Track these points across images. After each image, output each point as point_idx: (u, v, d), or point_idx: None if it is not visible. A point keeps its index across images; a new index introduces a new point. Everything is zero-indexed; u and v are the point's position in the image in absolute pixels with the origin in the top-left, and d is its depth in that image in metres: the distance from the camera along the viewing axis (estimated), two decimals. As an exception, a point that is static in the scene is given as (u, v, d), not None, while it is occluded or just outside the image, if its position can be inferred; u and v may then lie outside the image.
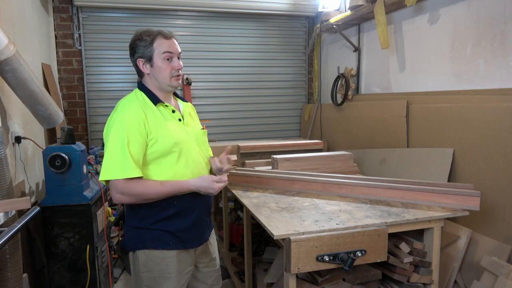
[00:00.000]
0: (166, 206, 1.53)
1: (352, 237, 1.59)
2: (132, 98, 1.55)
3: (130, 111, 1.47)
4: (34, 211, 1.83)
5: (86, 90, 3.97)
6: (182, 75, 1.61)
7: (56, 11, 3.78)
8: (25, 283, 2.07)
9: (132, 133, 1.43)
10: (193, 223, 1.60)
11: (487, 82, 2.39)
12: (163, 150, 1.49)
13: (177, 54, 1.57)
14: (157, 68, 1.54)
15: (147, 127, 1.47)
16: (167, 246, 1.54)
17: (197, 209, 1.60)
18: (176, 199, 1.52)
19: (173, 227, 1.54)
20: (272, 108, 4.65)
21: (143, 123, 1.46)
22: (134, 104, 1.51)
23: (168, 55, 1.53)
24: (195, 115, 1.80)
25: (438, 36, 2.77)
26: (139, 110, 1.48)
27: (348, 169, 2.69)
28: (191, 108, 1.77)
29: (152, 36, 1.52)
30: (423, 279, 1.84)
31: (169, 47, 1.53)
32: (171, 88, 1.59)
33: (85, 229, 2.23)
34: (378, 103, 3.30)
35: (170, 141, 1.49)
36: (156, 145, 1.48)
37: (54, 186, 2.17)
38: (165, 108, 1.57)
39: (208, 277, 1.78)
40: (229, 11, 4.19)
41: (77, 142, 2.30)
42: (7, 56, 1.91)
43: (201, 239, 1.66)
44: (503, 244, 2.13)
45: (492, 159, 2.24)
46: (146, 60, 1.54)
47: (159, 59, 1.53)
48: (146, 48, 1.52)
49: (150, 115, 1.50)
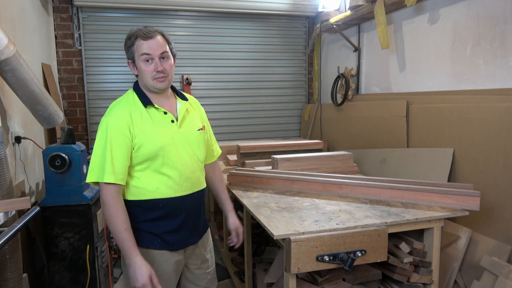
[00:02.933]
0: (152, 207, 1.53)
1: (352, 237, 1.59)
2: (123, 101, 1.54)
3: (117, 115, 1.47)
4: (34, 211, 1.83)
5: (86, 90, 3.97)
6: (167, 75, 1.51)
7: (56, 11, 3.78)
8: (25, 283, 2.07)
9: (115, 138, 1.44)
10: (179, 226, 1.58)
11: (487, 82, 2.39)
12: (148, 154, 1.48)
13: (158, 55, 1.47)
14: (139, 70, 1.50)
15: (132, 131, 1.46)
16: (152, 246, 1.54)
17: (184, 213, 1.58)
18: (161, 202, 1.52)
19: (157, 229, 1.54)
20: (272, 108, 4.65)
21: (127, 127, 1.45)
22: (123, 107, 1.50)
23: (146, 57, 1.46)
24: (196, 111, 1.71)
25: (438, 36, 2.77)
26: (125, 114, 1.47)
27: (348, 169, 2.69)
28: (190, 105, 1.68)
29: (133, 38, 1.48)
30: (423, 279, 1.84)
31: (147, 48, 1.45)
32: (157, 90, 1.52)
33: (85, 229, 2.23)
34: (378, 103, 3.30)
35: (156, 145, 1.48)
36: (142, 149, 1.47)
37: (54, 186, 2.17)
38: (156, 110, 1.53)
39: (200, 279, 1.74)
40: (229, 11, 4.19)
41: (77, 142, 2.30)
42: (7, 56, 1.91)
43: (186, 242, 1.63)
44: (503, 244, 2.13)
45: (492, 159, 2.24)
46: (131, 62, 1.52)
47: (139, 61, 1.48)
48: (129, 49, 1.50)
49: (137, 118, 1.48)
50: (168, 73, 1.51)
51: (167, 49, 1.50)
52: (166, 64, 1.50)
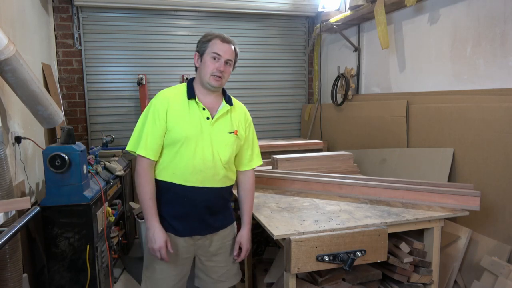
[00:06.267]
0: (165, 190, 1.66)
1: (352, 237, 1.59)
2: (172, 89, 1.73)
3: (159, 98, 1.67)
4: (34, 211, 1.83)
5: (86, 90, 3.97)
6: (223, 78, 1.68)
7: (56, 11, 3.78)
8: (25, 283, 2.07)
9: (152, 117, 1.62)
10: (185, 215, 1.67)
11: (487, 82, 2.39)
12: (174, 138, 1.62)
13: (226, 58, 1.66)
14: (203, 64, 1.67)
15: (168, 115, 1.63)
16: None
17: (191, 203, 1.66)
18: (172, 186, 1.65)
19: (165, 212, 1.68)
20: (272, 108, 4.65)
21: (165, 110, 1.63)
22: (167, 93, 1.70)
23: (216, 55, 1.64)
24: (238, 116, 1.79)
25: (438, 36, 2.77)
26: (166, 98, 1.66)
27: (348, 169, 2.69)
28: (234, 110, 1.79)
29: (211, 36, 1.67)
30: (423, 279, 1.84)
31: (219, 49, 1.64)
32: (210, 86, 1.67)
33: (85, 229, 2.23)
34: (378, 103, 3.30)
35: (182, 133, 1.62)
36: (170, 133, 1.63)
37: (54, 186, 2.17)
38: (197, 104, 1.68)
39: (211, 272, 1.79)
40: (229, 11, 4.19)
41: (77, 142, 2.29)
42: (7, 56, 1.91)
43: (192, 231, 1.70)
44: (503, 244, 2.13)
45: (492, 159, 2.24)
46: (199, 55, 1.70)
47: (208, 56, 1.65)
48: (203, 44, 1.68)
49: (175, 106, 1.65)
50: (224, 76, 1.69)
51: (233, 59, 1.71)
52: (227, 69, 1.69)
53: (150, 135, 1.61)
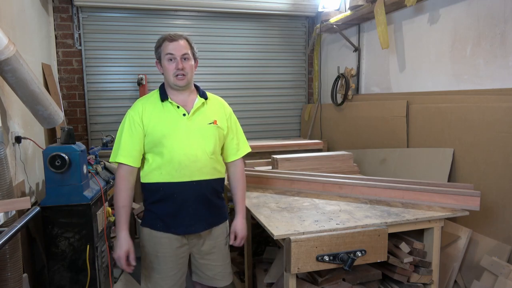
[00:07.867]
0: (155, 190, 1.70)
1: (352, 237, 1.59)
2: (145, 96, 1.79)
3: (133, 107, 1.73)
4: (34, 211, 1.83)
5: (86, 90, 3.97)
6: (186, 74, 1.69)
7: (56, 11, 3.78)
8: (25, 283, 2.07)
9: (128, 126, 1.68)
10: (178, 210, 1.69)
11: (487, 82, 2.39)
12: (153, 140, 1.67)
13: (180, 55, 1.67)
14: (164, 68, 1.71)
15: (143, 120, 1.68)
16: (155, 227, 1.72)
17: (181, 199, 1.68)
18: (161, 185, 1.68)
19: (159, 211, 1.71)
20: (272, 108, 4.65)
21: (139, 117, 1.68)
22: (140, 101, 1.75)
23: (170, 56, 1.67)
24: (216, 108, 1.80)
25: (438, 36, 2.77)
26: (140, 106, 1.71)
27: (348, 169, 2.69)
28: (210, 102, 1.80)
29: (161, 40, 1.72)
30: (423, 279, 1.84)
31: (171, 49, 1.67)
32: (177, 86, 1.70)
33: (85, 229, 2.23)
34: (378, 103, 3.30)
35: (159, 134, 1.66)
36: (149, 136, 1.67)
37: (54, 186, 2.17)
38: (171, 105, 1.71)
39: (206, 269, 1.82)
40: (229, 11, 4.19)
41: (77, 142, 2.29)
42: (7, 56, 1.91)
43: (187, 229, 1.72)
44: (503, 244, 2.13)
45: (492, 159, 2.24)
46: (158, 61, 1.75)
47: (164, 60, 1.69)
48: (156, 50, 1.73)
49: (150, 110, 1.69)
50: (187, 72, 1.69)
51: (188, 52, 1.71)
52: (186, 64, 1.69)
53: (128, 142, 1.66)
